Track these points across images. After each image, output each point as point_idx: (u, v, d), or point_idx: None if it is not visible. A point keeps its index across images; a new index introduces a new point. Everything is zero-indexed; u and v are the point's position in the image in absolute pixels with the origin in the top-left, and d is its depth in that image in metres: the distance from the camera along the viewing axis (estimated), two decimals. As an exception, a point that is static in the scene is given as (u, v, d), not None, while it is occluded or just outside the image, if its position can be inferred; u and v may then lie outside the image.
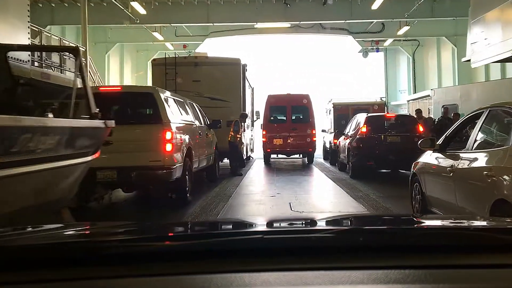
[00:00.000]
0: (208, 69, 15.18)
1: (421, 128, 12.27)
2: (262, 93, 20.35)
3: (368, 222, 2.06)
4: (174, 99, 8.89)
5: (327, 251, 1.24)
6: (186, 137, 8.74)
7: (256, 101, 21.77)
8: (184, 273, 1.13)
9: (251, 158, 21.96)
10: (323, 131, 20.81)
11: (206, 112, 14.45)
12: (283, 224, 1.95)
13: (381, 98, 19.77)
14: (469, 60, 14.03)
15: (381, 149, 12.14)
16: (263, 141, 18.58)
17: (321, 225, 1.84)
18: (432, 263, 1.17)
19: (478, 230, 1.56)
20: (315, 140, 18.50)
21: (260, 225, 1.88)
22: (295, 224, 1.94)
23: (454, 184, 4.96)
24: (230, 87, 15.16)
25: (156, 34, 21.19)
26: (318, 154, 19.98)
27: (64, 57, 14.56)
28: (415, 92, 23.37)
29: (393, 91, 24.50)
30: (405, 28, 20.35)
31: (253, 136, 21.68)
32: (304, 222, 1.98)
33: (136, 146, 7.60)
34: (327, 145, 20.61)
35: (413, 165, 6.48)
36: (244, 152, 16.93)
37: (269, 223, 1.95)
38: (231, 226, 2.02)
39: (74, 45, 13.09)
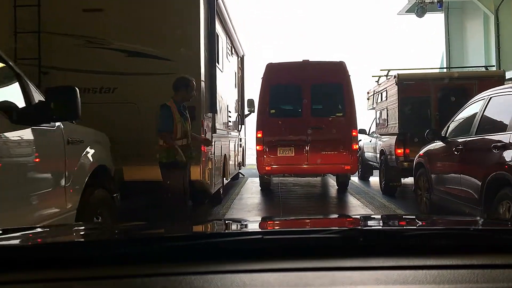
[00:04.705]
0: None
1: None
2: (259, 66, 11.26)
3: (368, 222, 2.04)
4: None
5: (327, 252, 1.22)
6: None
7: (249, 81, 13.01)
8: (184, 273, 1.11)
9: (240, 175, 13.39)
10: (361, 132, 11.86)
11: (117, 84, 6.01)
12: (283, 225, 1.94)
13: (486, 67, 11.01)
14: None
15: None
16: (257, 150, 9.80)
17: (321, 225, 1.83)
18: (432, 263, 1.16)
19: (478, 230, 1.55)
20: (356, 150, 9.72)
21: (260, 226, 1.90)
22: (295, 225, 1.93)
23: None
24: (175, 30, 6.38)
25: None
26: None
27: None
28: (499, 69, 14.64)
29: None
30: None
31: (243, 142, 13.01)
32: (304, 223, 1.99)
33: None
34: (369, 156, 11.90)
35: None
36: (214, 179, 7.96)
37: (269, 224, 1.99)
38: (231, 227, 1.98)
39: None
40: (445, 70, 13.66)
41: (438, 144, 6.67)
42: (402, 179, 9.59)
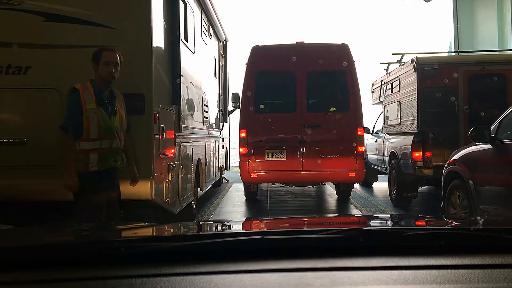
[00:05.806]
0: None
1: None
2: (245, 52, 9.25)
3: (368, 222, 2.04)
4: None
5: (327, 252, 1.22)
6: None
7: (239, 75, 11.14)
8: (184, 274, 1.10)
9: (223, 181, 11.59)
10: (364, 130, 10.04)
11: (32, 61, 4.05)
12: (283, 225, 1.92)
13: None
14: None
15: None
16: (240, 153, 7.94)
17: (322, 225, 1.82)
18: (432, 263, 1.15)
19: (478, 230, 1.53)
20: (362, 152, 7.89)
21: (261, 226, 1.88)
22: (295, 225, 1.92)
23: None
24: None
25: None
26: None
27: None
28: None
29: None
30: None
31: (226, 142, 11.23)
32: (304, 223, 1.97)
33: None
34: (373, 159, 10.11)
35: None
36: (179, 194, 6.16)
37: (270, 224, 1.97)
38: (231, 227, 1.96)
39: None
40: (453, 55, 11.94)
41: (482, 147, 4.88)
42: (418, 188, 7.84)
